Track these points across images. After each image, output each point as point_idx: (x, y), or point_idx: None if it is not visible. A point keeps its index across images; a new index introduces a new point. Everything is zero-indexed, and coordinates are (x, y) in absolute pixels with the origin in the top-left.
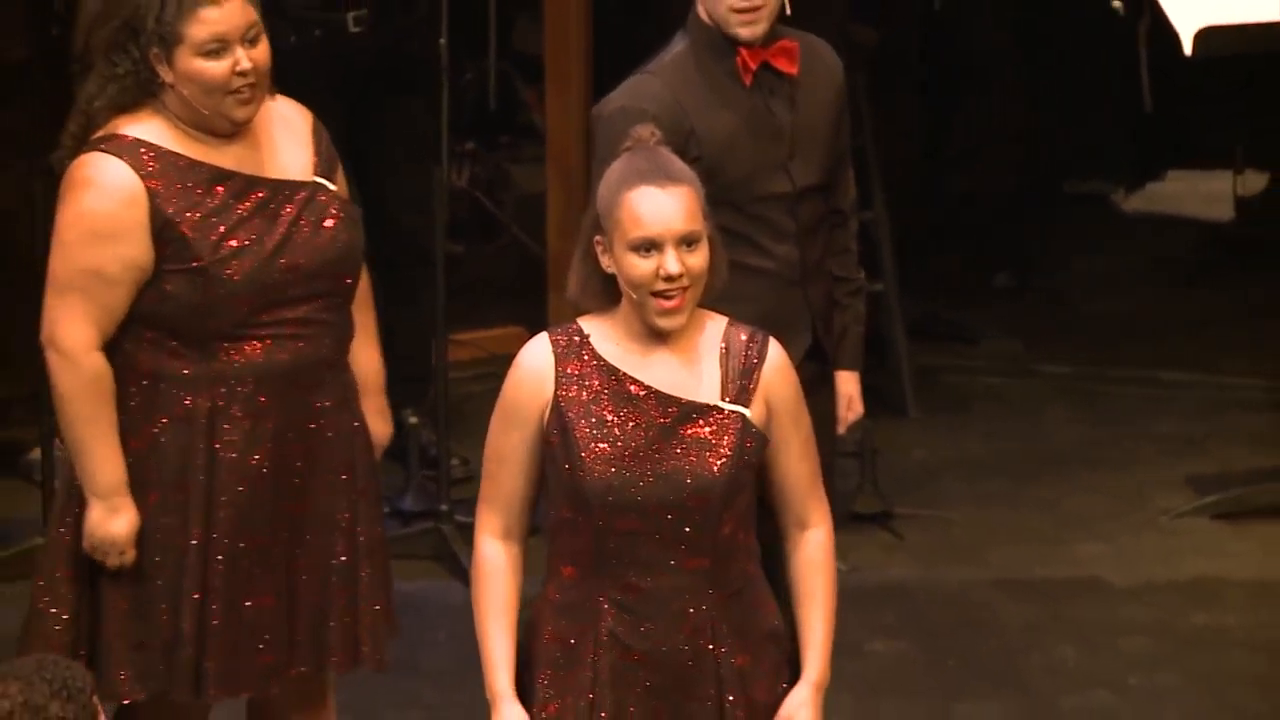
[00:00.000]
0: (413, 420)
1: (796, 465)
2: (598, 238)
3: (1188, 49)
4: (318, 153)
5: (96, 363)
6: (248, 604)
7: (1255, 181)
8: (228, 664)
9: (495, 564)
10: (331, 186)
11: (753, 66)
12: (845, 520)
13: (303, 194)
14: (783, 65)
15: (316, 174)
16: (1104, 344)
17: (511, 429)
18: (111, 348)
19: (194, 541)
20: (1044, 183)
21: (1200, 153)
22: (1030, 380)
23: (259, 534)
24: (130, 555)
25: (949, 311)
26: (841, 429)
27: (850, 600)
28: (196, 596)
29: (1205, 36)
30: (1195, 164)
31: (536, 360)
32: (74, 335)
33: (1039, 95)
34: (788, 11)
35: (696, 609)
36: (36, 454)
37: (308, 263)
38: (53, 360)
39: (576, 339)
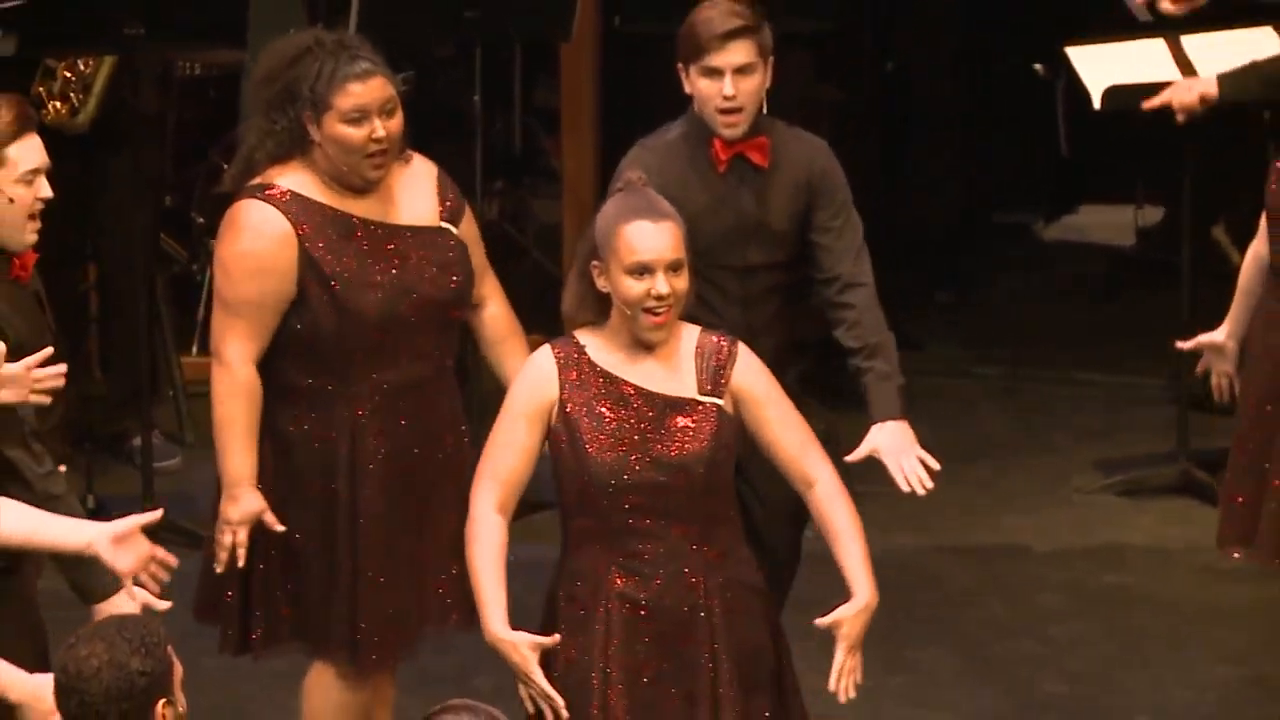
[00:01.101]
0: None
1: (781, 434)
2: (595, 263)
3: (1097, 104)
4: (443, 201)
5: (249, 375)
6: (390, 586)
7: (1153, 214)
8: (378, 636)
9: (491, 526)
10: (454, 231)
11: (723, 157)
12: None
13: (428, 239)
14: (754, 158)
15: (443, 220)
16: (1028, 349)
17: (520, 421)
18: (270, 369)
19: (342, 535)
20: (978, 214)
21: (1107, 190)
22: (966, 380)
23: (394, 527)
24: (241, 536)
25: (898, 322)
26: (904, 486)
27: (817, 563)
28: (349, 580)
29: (1111, 94)
30: (1103, 199)
31: (542, 369)
32: (235, 350)
33: (974, 141)
34: (764, 111)
35: (689, 569)
36: (138, 442)
37: (431, 299)
38: (215, 369)
39: (575, 351)
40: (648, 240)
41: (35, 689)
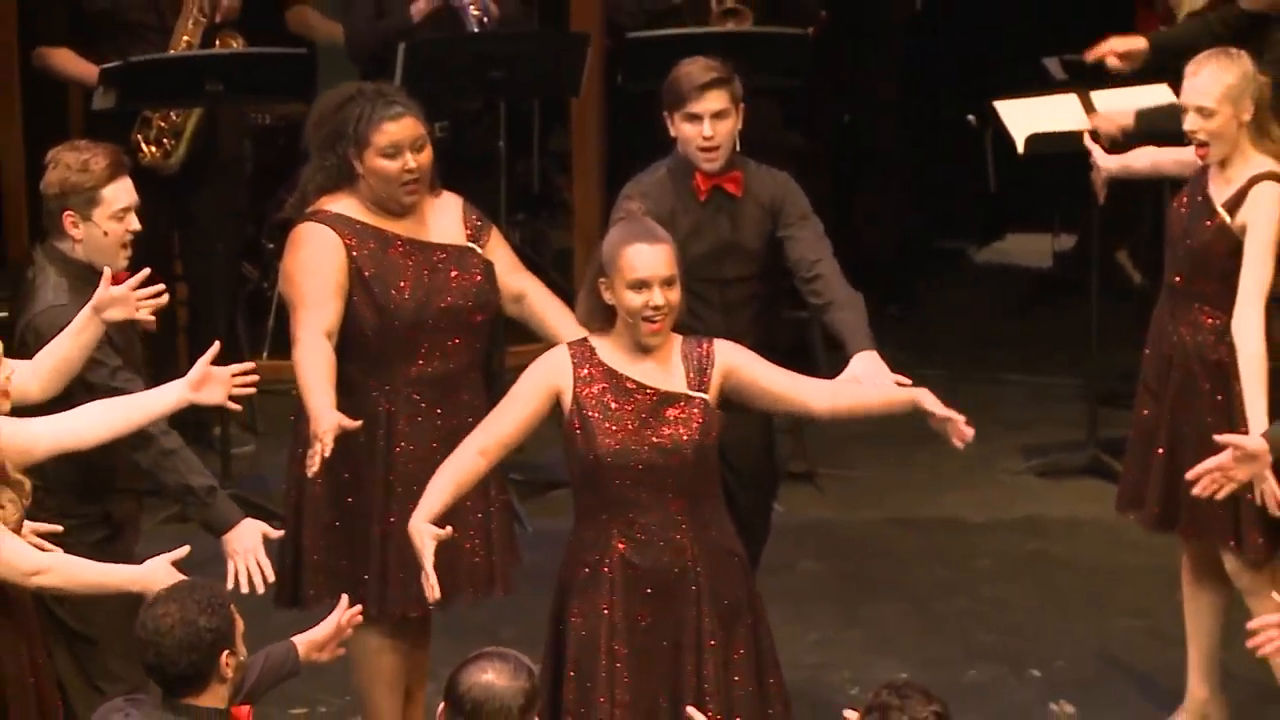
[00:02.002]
0: None
1: (774, 378)
2: (602, 279)
3: (1020, 149)
4: (468, 225)
5: (319, 341)
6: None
7: (1067, 241)
8: (404, 591)
9: (466, 457)
10: (478, 250)
11: (704, 188)
12: (783, 477)
13: (455, 254)
14: (730, 188)
15: (468, 240)
16: (963, 354)
17: (527, 395)
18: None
19: (378, 506)
20: (920, 241)
21: (1029, 221)
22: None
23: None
24: (328, 440)
25: None
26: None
27: (785, 533)
28: (380, 547)
29: (1032, 140)
30: (1025, 228)
31: (558, 361)
32: (305, 331)
33: (917, 180)
34: (736, 148)
35: (679, 536)
36: (218, 431)
37: (457, 304)
38: (293, 350)
39: (588, 351)
40: (645, 260)
41: (152, 575)
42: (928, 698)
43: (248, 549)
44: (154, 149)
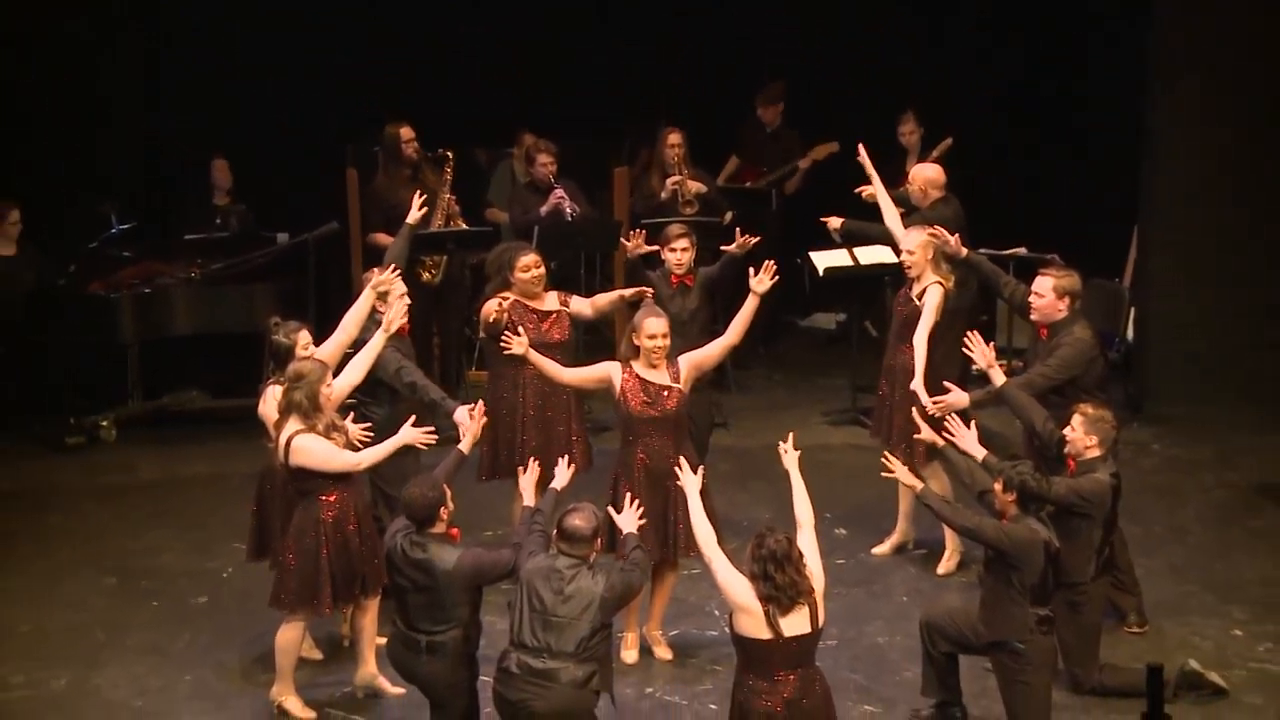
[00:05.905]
0: None
1: (707, 352)
2: (633, 332)
3: (821, 273)
4: (561, 298)
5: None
6: (532, 449)
7: (841, 316)
8: (526, 468)
9: (559, 367)
10: (569, 310)
11: (675, 282)
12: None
13: (556, 316)
14: (689, 282)
15: (561, 305)
16: (795, 369)
17: (598, 369)
18: (494, 361)
19: (518, 431)
20: (774, 316)
21: (824, 306)
22: (771, 382)
23: (539, 432)
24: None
25: (743, 358)
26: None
27: (711, 452)
28: (520, 448)
29: (827, 269)
30: (823, 310)
31: (617, 367)
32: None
33: (777, 288)
34: (692, 267)
35: (671, 450)
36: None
37: (554, 338)
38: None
39: (628, 368)
40: (654, 324)
41: (402, 435)
42: (783, 531)
43: (460, 421)
44: (426, 274)
